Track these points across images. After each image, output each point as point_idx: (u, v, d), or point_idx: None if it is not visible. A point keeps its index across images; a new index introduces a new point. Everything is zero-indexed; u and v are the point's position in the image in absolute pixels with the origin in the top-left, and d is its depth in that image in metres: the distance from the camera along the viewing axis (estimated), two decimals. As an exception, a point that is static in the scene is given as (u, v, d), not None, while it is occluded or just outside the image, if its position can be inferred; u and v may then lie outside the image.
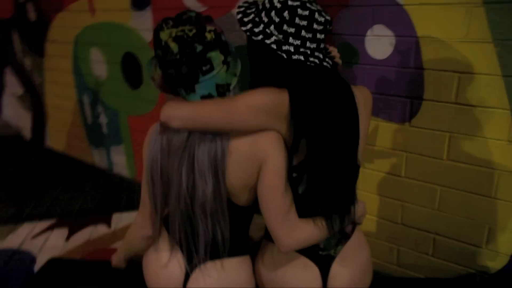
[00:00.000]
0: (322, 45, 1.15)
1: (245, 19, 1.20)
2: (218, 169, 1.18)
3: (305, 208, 1.21)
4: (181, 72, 1.12)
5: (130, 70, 2.88)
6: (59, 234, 2.28)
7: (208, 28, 1.12)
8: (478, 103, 1.54)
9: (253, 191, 1.24)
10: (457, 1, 1.47)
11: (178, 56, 1.10)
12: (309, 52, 1.12)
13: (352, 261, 1.36)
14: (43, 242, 2.20)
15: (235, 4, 2.15)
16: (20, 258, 2.09)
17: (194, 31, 1.11)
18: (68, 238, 2.22)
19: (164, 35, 1.12)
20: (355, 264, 1.37)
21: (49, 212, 2.63)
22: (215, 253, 1.28)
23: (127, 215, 2.40)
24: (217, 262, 1.32)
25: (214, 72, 1.13)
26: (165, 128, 1.19)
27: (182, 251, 1.32)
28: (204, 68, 1.12)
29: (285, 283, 1.36)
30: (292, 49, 1.11)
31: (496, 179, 1.59)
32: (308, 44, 1.12)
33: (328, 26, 1.13)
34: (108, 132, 3.31)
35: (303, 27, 1.10)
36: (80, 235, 2.24)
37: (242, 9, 1.25)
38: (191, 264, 1.32)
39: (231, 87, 1.17)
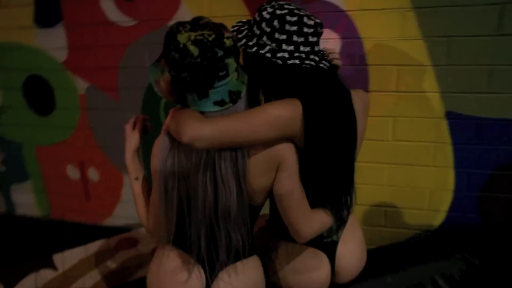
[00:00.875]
0: (316, 48, 1.23)
1: (239, 36, 1.26)
2: (240, 176, 1.22)
3: (314, 201, 1.32)
4: (197, 76, 1.11)
5: (37, 95, 2.58)
6: (-9, 290, 1.92)
7: (226, 34, 1.14)
8: (415, 89, 1.87)
9: (267, 192, 1.32)
10: (392, 7, 1.78)
11: (198, 60, 1.09)
12: (303, 56, 1.19)
13: (352, 242, 1.52)
14: (-25, 302, 1.84)
15: (171, 17, 2.14)
16: None
17: (213, 36, 1.11)
18: (8, 291, 1.90)
19: (182, 38, 1.10)
20: (355, 244, 1.54)
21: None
22: (234, 256, 1.31)
23: (70, 253, 2.15)
24: (238, 265, 1.35)
25: (229, 78, 1.15)
26: (178, 144, 1.17)
27: (200, 262, 1.31)
28: (220, 74, 1.13)
29: (299, 273, 1.46)
30: (286, 55, 1.18)
31: (432, 150, 1.94)
32: (301, 48, 1.19)
33: (319, 29, 1.21)
34: (7, 169, 2.88)
35: (294, 32, 1.17)
36: (23, 285, 1.92)
37: (236, 28, 1.31)
38: (213, 273, 1.31)
39: (242, 95, 1.20)
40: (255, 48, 1.21)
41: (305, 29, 1.18)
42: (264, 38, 1.20)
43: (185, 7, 2.09)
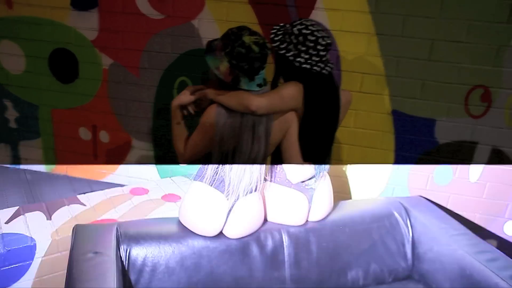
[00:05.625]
0: (324, 59, 1.93)
1: (276, 38, 1.93)
2: (268, 135, 1.87)
3: (305, 156, 2.02)
4: (253, 66, 1.74)
5: (62, 65, 3.02)
6: (35, 217, 2.28)
7: (266, 40, 1.79)
8: (372, 91, 2.62)
9: (276, 146, 1.98)
10: (362, 31, 2.51)
11: (258, 55, 1.73)
12: (314, 63, 1.90)
13: (325, 191, 2.20)
14: (24, 225, 2.23)
15: (194, 16, 2.72)
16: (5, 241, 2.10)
17: (262, 40, 1.76)
18: (49, 218, 2.32)
19: (247, 39, 1.73)
20: (326, 194, 2.21)
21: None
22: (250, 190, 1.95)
23: (92, 195, 2.61)
24: (253, 194, 1.99)
25: (264, 69, 1.82)
26: (231, 113, 1.77)
27: (227, 194, 1.89)
28: (264, 66, 1.80)
29: (286, 207, 2.12)
30: (302, 60, 1.88)
31: (381, 137, 2.70)
32: (313, 58, 1.88)
33: (328, 47, 1.92)
34: (18, 127, 3.25)
35: (310, 47, 1.87)
36: (60, 215, 2.35)
37: (275, 31, 1.97)
38: (236, 200, 1.91)
39: (267, 81, 1.88)
40: (283, 51, 1.88)
41: (318, 47, 1.88)
42: (291, 46, 1.88)
43: (207, 11, 2.68)
